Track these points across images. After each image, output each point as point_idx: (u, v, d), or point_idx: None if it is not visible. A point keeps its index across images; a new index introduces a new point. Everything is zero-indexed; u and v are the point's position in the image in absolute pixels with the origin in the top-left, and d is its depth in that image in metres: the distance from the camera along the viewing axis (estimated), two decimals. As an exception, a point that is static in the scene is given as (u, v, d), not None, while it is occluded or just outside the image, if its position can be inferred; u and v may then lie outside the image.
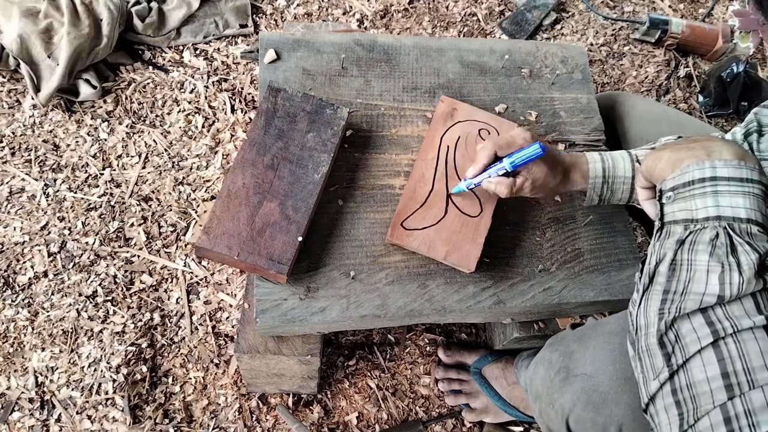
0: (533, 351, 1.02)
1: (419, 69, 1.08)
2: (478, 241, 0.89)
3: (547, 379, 0.76)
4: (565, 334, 0.80)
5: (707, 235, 0.57)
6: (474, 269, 0.88)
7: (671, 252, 0.58)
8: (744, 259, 0.54)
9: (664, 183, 0.63)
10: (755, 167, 0.58)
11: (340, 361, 1.23)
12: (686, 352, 0.53)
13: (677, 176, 0.61)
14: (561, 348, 0.77)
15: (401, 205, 0.91)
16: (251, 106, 1.51)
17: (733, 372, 0.50)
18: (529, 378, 0.83)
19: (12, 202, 1.32)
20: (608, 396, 0.68)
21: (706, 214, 0.58)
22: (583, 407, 0.70)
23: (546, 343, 0.83)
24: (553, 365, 0.76)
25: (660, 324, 0.56)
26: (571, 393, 0.71)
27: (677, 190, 0.61)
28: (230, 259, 0.83)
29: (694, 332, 0.53)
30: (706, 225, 0.58)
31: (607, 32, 1.80)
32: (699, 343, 0.52)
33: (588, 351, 0.73)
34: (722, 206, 0.57)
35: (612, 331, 0.73)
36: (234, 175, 0.87)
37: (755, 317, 0.52)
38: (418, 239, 0.89)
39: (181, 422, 1.14)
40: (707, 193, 0.58)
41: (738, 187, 0.57)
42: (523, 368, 1.02)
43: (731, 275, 0.54)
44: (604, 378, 0.69)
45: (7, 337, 1.18)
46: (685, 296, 0.55)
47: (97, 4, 1.45)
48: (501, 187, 0.83)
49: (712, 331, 0.52)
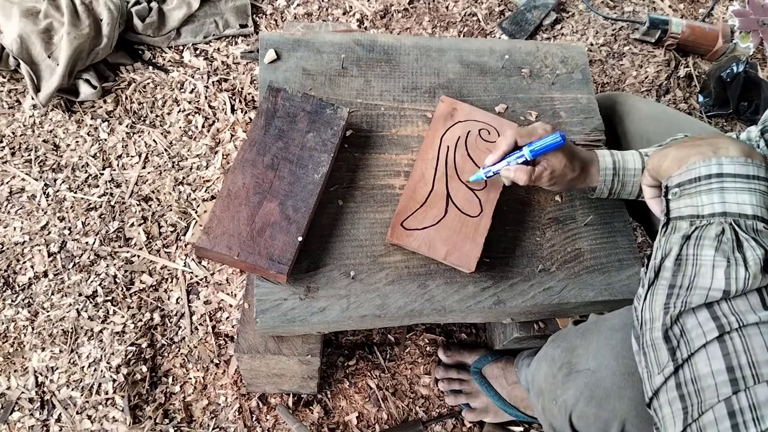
0: (533, 350, 1.02)
1: (419, 69, 1.08)
2: (478, 241, 0.89)
3: (549, 375, 0.76)
4: (568, 330, 0.80)
5: (713, 230, 0.57)
6: (474, 269, 0.88)
7: (677, 247, 0.58)
8: (750, 255, 0.54)
9: (670, 179, 0.63)
10: (762, 164, 0.59)
11: (340, 361, 1.23)
12: (691, 346, 0.53)
13: (683, 173, 0.61)
14: (563, 344, 0.77)
15: (401, 205, 0.91)
16: (251, 106, 1.51)
17: (738, 366, 0.50)
18: (531, 375, 0.83)
19: (12, 202, 1.32)
20: (611, 391, 0.68)
21: (712, 210, 0.58)
22: (586, 403, 0.69)
23: (548, 340, 0.83)
24: (556, 361, 0.75)
25: (665, 318, 0.56)
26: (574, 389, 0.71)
27: (683, 187, 0.61)
28: (230, 259, 0.83)
29: (700, 327, 0.53)
30: (712, 221, 0.58)
31: (607, 32, 1.80)
32: (704, 338, 0.52)
33: (591, 346, 0.72)
34: (728, 203, 0.57)
35: (614, 327, 0.73)
36: (234, 175, 0.87)
37: (761, 312, 0.52)
38: (418, 239, 0.89)
39: (181, 422, 1.14)
40: (713, 189, 0.59)
41: (744, 183, 0.58)
42: (524, 367, 1.02)
43: (737, 270, 0.54)
44: (607, 373, 0.69)
45: (7, 337, 1.18)
46: (691, 291, 0.55)
47: (97, 4, 1.45)
48: (520, 174, 0.83)
49: (718, 325, 0.52)
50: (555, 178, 0.85)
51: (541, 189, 1.00)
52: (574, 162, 0.85)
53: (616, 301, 0.96)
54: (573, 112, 1.10)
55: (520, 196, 1.00)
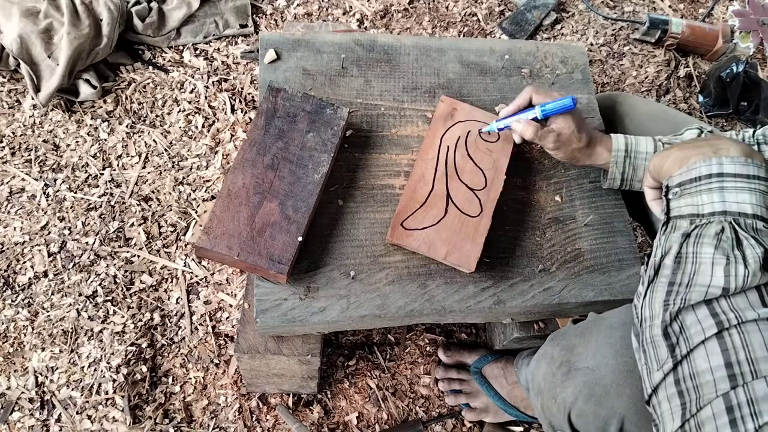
0: (533, 350, 1.02)
1: (419, 69, 1.08)
2: (478, 241, 0.89)
3: (549, 374, 0.76)
4: (567, 329, 0.80)
5: (713, 228, 0.57)
6: (474, 269, 0.88)
7: (677, 245, 0.59)
8: (749, 253, 0.54)
9: (671, 179, 0.64)
10: (762, 165, 0.59)
11: (340, 361, 1.23)
12: (690, 342, 0.53)
13: (684, 172, 0.62)
14: (563, 342, 0.77)
15: (401, 205, 0.91)
16: (251, 106, 1.51)
17: (737, 362, 0.50)
18: (530, 374, 0.83)
19: (12, 202, 1.32)
20: (610, 389, 0.68)
21: (712, 209, 0.58)
22: (585, 400, 0.69)
23: (547, 339, 0.83)
24: (555, 360, 0.76)
25: (665, 315, 0.56)
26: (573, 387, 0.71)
27: (684, 186, 0.61)
28: (230, 259, 0.83)
29: (699, 323, 0.53)
30: (712, 219, 0.58)
31: (607, 32, 1.80)
32: (703, 334, 0.53)
33: (590, 345, 0.72)
34: (728, 202, 0.58)
35: (613, 325, 0.73)
36: (234, 175, 0.87)
37: (760, 309, 0.52)
38: (418, 239, 0.89)
39: (181, 422, 1.14)
40: (713, 188, 0.59)
41: (744, 183, 0.58)
42: (524, 366, 1.02)
43: (737, 268, 0.54)
44: (606, 371, 0.69)
45: (7, 337, 1.18)
46: (690, 288, 0.55)
47: (97, 4, 1.45)
48: (528, 128, 0.87)
49: (717, 322, 0.52)
50: (560, 143, 0.88)
51: (542, 189, 1.01)
52: (581, 132, 0.88)
53: (616, 301, 0.96)
54: (573, 112, 1.11)
55: (521, 196, 1.01)
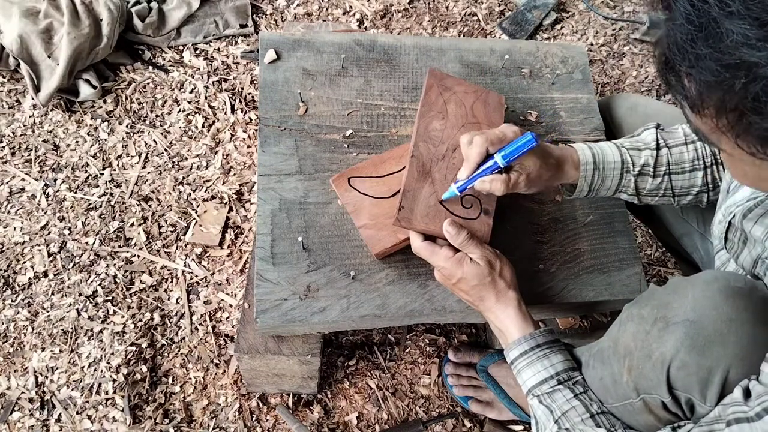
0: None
1: (419, 69, 1.08)
2: (399, 236, 0.88)
3: (641, 332, 0.72)
4: (653, 291, 0.77)
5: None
6: (377, 255, 0.88)
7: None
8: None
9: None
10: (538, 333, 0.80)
11: (340, 361, 1.23)
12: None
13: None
14: (652, 302, 0.74)
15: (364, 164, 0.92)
16: (251, 106, 1.51)
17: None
18: (612, 339, 0.78)
19: (12, 202, 1.32)
20: (713, 338, 0.66)
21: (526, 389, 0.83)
22: (688, 351, 0.67)
23: (625, 307, 0.79)
24: (647, 319, 0.73)
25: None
26: (674, 340, 0.69)
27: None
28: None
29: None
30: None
31: (607, 32, 1.80)
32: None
33: (687, 299, 0.70)
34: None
35: (708, 280, 0.71)
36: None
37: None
38: (352, 196, 0.90)
39: (181, 422, 1.14)
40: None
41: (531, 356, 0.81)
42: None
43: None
44: (708, 322, 0.67)
45: (7, 337, 1.18)
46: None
47: (97, 4, 1.45)
48: (497, 183, 0.80)
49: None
50: (531, 182, 0.82)
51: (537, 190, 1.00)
52: (548, 162, 0.82)
53: (617, 301, 0.96)
54: (573, 112, 1.10)
55: (521, 197, 1.00)
